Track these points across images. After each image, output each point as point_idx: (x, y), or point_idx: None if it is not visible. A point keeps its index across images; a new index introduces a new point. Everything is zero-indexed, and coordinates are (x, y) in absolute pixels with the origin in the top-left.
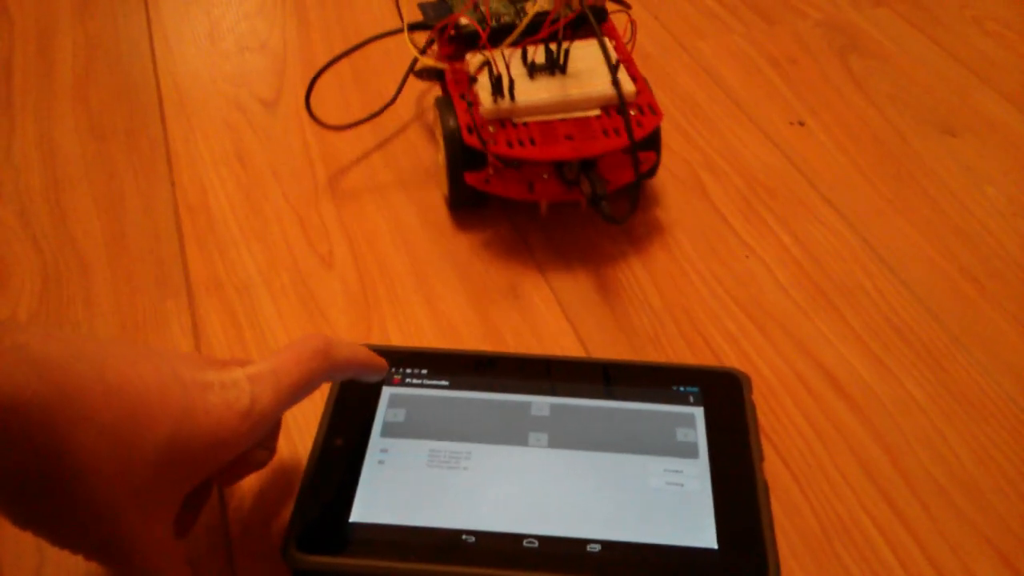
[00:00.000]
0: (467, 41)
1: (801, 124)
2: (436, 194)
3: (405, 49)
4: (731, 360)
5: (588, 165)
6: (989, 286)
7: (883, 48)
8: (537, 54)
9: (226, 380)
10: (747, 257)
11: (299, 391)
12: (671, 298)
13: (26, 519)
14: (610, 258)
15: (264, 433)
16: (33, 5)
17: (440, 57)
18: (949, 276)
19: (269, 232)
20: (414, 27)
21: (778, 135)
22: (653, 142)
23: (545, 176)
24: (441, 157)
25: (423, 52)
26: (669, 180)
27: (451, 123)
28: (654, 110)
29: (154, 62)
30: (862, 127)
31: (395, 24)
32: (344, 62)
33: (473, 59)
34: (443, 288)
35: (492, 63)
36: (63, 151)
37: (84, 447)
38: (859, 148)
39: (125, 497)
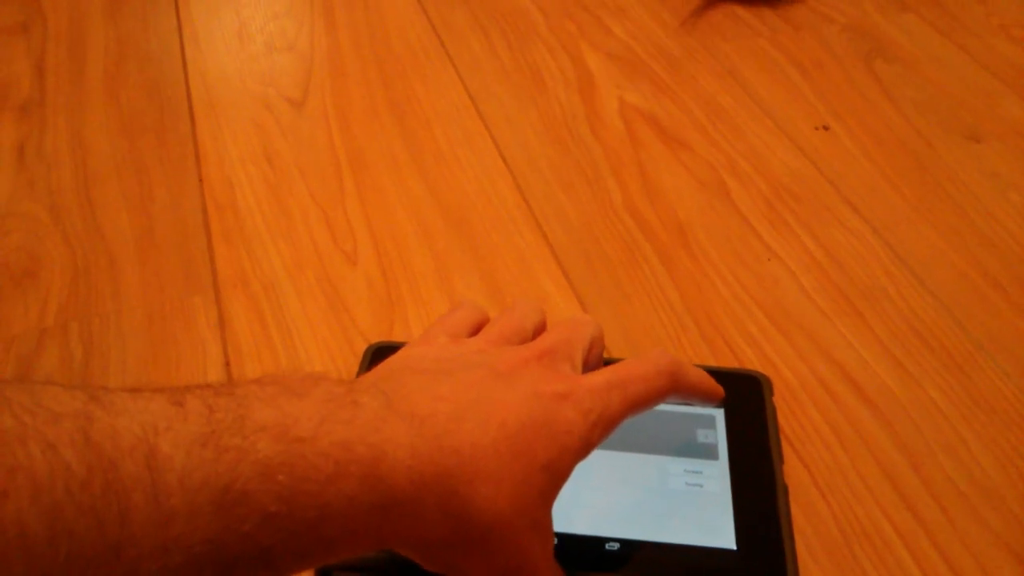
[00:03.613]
0: None
1: (826, 129)
2: (461, 194)
3: (432, 48)
4: (752, 363)
5: None
6: (1013, 293)
7: (909, 54)
8: None
9: (577, 389)
10: (769, 260)
11: (644, 405)
12: (693, 300)
13: (443, 568)
14: (632, 259)
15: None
16: (66, 5)
17: None
18: (973, 282)
19: (295, 229)
20: None
21: (803, 139)
22: None
23: None
24: None
25: None
26: (692, 182)
27: None
28: None
29: (184, 62)
30: (887, 132)
31: (421, 24)
32: (372, 62)
33: None
34: (465, 287)
35: None
36: (94, 148)
37: (488, 500)
38: (884, 153)
39: (526, 533)
